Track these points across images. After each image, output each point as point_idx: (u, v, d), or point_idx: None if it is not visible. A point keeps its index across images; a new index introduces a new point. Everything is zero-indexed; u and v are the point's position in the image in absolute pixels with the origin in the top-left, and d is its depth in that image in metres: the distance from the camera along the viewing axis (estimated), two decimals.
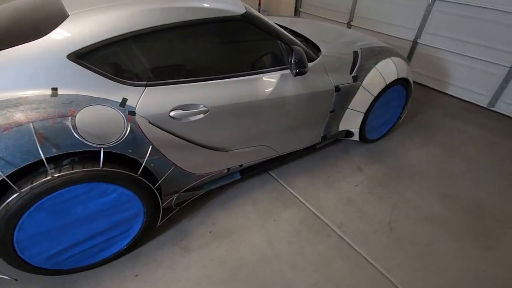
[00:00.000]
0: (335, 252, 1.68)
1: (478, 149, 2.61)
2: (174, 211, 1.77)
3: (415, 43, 3.73)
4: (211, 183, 1.86)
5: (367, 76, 2.12)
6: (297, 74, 1.63)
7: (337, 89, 1.97)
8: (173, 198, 1.67)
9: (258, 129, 1.76)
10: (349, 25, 4.44)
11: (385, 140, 2.67)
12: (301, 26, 2.59)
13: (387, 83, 2.19)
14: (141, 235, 1.56)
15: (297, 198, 2.01)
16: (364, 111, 2.21)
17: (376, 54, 2.21)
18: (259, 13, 1.75)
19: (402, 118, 2.69)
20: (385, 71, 2.18)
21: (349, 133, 2.37)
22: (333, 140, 2.41)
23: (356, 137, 2.36)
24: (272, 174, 2.21)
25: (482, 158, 2.50)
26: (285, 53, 1.73)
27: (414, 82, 3.85)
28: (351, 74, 2.06)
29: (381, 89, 2.18)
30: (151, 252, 1.61)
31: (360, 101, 2.16)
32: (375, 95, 2.17)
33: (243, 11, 1.58)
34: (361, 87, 2.11)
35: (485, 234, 1.84)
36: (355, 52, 2.15)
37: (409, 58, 3.85)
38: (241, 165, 1.88)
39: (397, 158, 2.45)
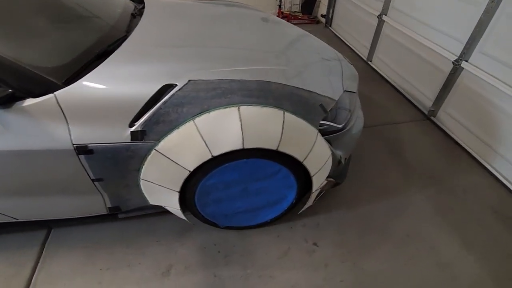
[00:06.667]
0: None
1: None
2: None
3: (456, 67, 2.14)
4: None
5: (170, 134, 1.15)
6: None
7: (84, 150, 1.11)
8: None
9: None
10: (380, 19, 2.94)
11: (267, 230, 1.60)
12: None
13: (215, 155, 1.16)
14: None
15: None
16: (178, 189, 1.27)
17: (214, 96, 1.16)
18: None
19: (304, 209, 1.54)
20: (213, 131, 1.14)
21: None
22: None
23: (183, 218, 1.44)
24: (51, 235, 1.56)
25: None
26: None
27: (445, 134, 2.32)
28: (131, 126, 1.14)
29: (202, 161, 1.17)
30: None
31: (162, 174, 1.23)
32: (191, 170, 1.19)
33: None
34: (155, 152, 1.17)
35: None
36: (168, 86, 1.16)
37: (443, 90, 2.28)
38: None
39: (247, 276, 1.41)
